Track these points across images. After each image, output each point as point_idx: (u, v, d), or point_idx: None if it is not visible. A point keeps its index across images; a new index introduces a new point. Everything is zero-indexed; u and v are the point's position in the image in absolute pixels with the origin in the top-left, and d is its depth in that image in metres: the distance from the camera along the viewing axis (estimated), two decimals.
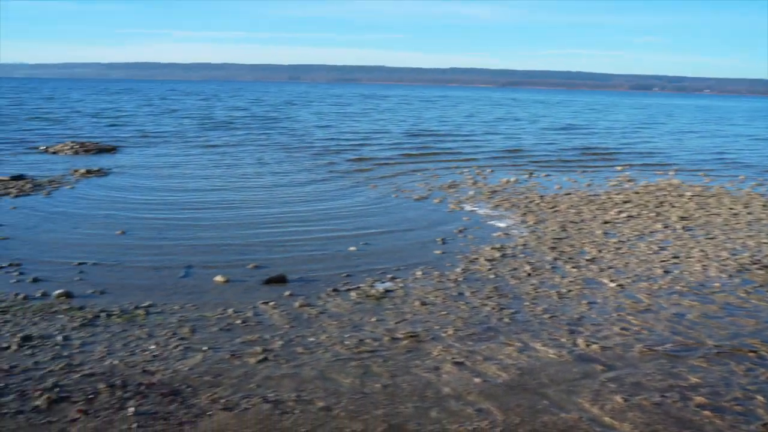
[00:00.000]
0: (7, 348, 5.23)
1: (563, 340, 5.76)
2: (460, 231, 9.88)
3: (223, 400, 4.49)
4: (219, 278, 7.29)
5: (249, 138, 24.35)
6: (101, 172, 14.88)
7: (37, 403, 4.31)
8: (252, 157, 18.76)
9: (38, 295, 6.60)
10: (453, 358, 5.31)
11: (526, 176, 15.99)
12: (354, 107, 53.33)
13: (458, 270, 7.83)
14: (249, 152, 20.04)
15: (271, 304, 6.55)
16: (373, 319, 6.20)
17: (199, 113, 39.19)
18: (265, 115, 38.43)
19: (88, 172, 14.72)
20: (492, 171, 16.78)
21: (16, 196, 11.75)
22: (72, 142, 20.02)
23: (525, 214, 11.16)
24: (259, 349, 5.39)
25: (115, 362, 5.04)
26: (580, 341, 5.71)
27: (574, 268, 7.98)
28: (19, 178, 13.64)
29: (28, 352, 5.19)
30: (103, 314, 6.11)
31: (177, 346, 5.41)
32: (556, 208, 11.63)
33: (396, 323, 6.11)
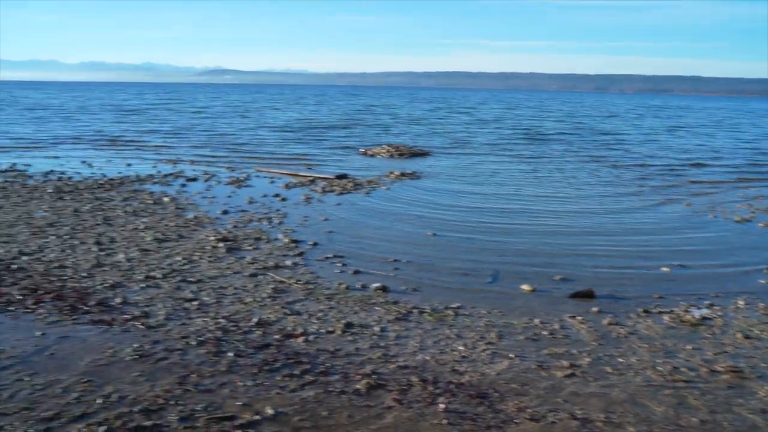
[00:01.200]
0: (333, 332, 5.69)
1: None
2: None
3: (529, 410, 4.42)
4: (525, 287, 7.24)
5: (563, 150, 24.01)
6: (414, 175, 15.72)
7: (358, 386, 4.61)
8: (563, 169, 18.46)
9: (358, 286, 7.11)
10: None
11: None
12: (678, 120, 50.13)
13: None
14: (561, 164, 19.79)
15: (579, 318, 6.34)
16: (689, 347, 5.69)
17: (513, 123, 39.81)
18: (580, 126, 37.81)
19: (402, 174, 15.64)
20: None
21: (340, 194, 12.86)
22: (388, 146, 21.46)
23: None
24: (566, 363, 5.23)
25: (427, 358, 5.23)
26: None
27: None
28: (342, 177, 14.97)
29: (350, 338, 5.60)
30: (415, 311, 6.39)
31: (484, 349, 5.45)
32: None
33: (714, 354, 5.55)
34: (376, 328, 5.84)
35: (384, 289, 7.02)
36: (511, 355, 5.35)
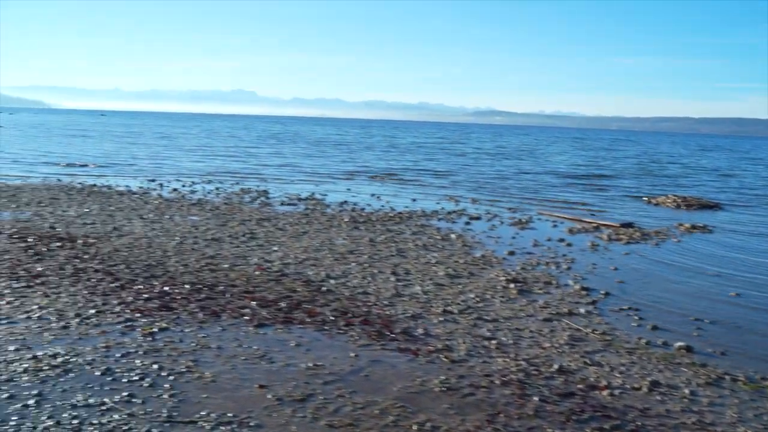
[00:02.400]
0: (638, 389, 5.39)
1: None
2: None
3: None
4: None
5: None
6: (706, 229, 14.60)
7: None
8: None
9: (659, 343, 6.69)
10: None
11: None
12: None
13: None
14: None
15: None
16: None
17: None
18: None
19: (693, 227, 14.60)
20: None
21: (627, 243, 12.32)
22: (674, 195, 20.24)
23: None
24: None
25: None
26: None
27: None
28: (628, 225, 14.35)
29: (658, 397, 5.26)
30: (727, 377, 5.85)
31: None
32: None
33: None
34: (686, 391, 5.43)
35: (688, 349, 6.53)
36: None
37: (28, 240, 9.90)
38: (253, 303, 7.11)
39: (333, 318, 6.75)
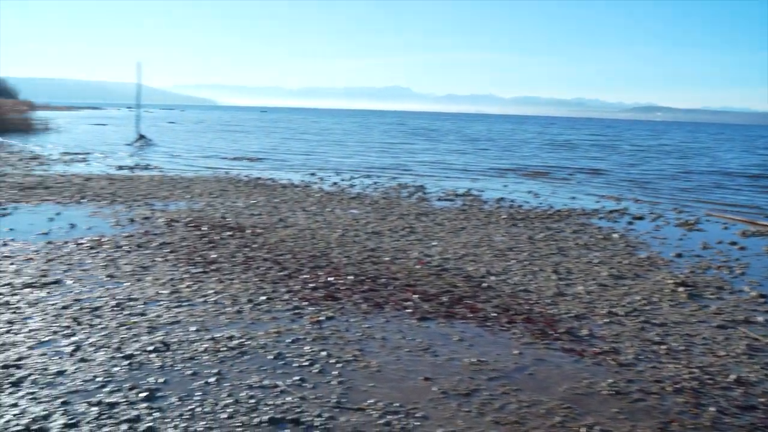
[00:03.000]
0: None
1: None
2: None
3: None
4: None
5: None
6: None
7: None
8: None
9: None
10: None
11: None
12: None
13: None
14: None
15: None
16: None
17: None
18: None
19: None
20: None
21: None
22: None
23: None
24: None
25: None
26: None
27: None
28: None
29: None
30: None
31: None
32: None
33: None
34: None
35: None
36: None
37: (202, 228, 10.62)
38: (415, 296, 7.24)
39: (495, 315, 6.74)
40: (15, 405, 4.30)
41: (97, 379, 4.77)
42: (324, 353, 5.50)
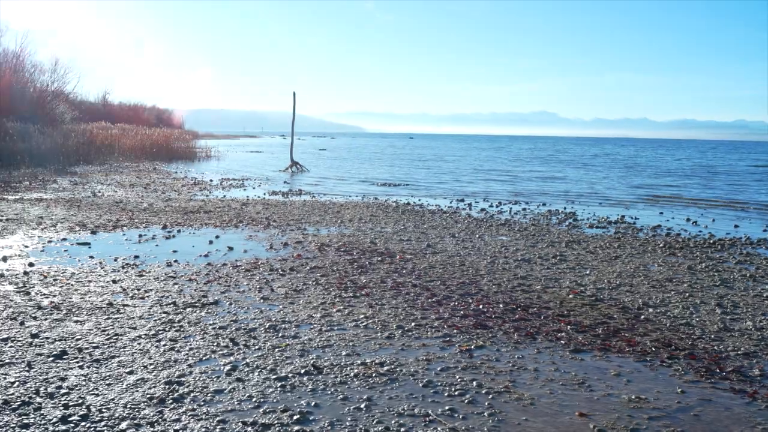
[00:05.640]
0: None
1: None
2: None
3: None
4: None
5: None
6: None
7: None
8: None
9: None
10: None
11: None
12: None
13: None
14: None
15: None
16: None
17: None
18: None
19: None
20: None
21: None
22: None
23: None
24: None
25: None
26: None
27: None
28: None
29: None
30: None
31: None
32: None
33: None
34: None
35: None
36: None
37: (353, 253, 10.81)
38: (568, 327, 6.97)
39: (654, 349, 6.36)
40: (177, 420, 4.49)
41: (252, 399, 4.91)
42: (474, 383, 5.38)
